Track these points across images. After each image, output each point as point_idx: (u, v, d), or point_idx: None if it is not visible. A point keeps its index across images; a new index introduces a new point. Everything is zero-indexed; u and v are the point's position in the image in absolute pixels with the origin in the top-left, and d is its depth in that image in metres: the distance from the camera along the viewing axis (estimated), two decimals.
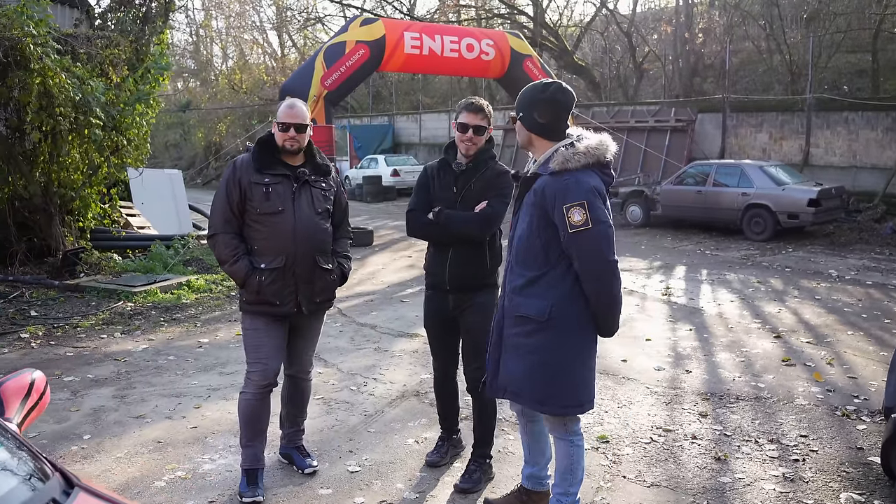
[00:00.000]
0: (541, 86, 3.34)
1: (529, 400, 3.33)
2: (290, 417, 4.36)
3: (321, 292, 4.07)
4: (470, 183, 4.00)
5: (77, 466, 4.35)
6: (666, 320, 8.03)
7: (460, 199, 4.00)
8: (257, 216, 3.87)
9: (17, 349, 6.93)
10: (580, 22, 28.10)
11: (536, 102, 3.30)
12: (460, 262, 3.99)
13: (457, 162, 4.06)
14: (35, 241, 10.29)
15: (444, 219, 3.96)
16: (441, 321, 4.17)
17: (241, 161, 3.95)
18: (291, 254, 3.88)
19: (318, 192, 4.03)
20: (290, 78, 14.54)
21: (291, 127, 3.88)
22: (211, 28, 45.03)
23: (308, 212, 3.95)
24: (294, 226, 3.89)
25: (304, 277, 3.94)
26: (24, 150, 9.84)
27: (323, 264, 4.02)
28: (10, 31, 7.93)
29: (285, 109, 3.92)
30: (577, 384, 3.28)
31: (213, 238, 3.95)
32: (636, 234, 15.43)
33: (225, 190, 3.90)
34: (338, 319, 8.28)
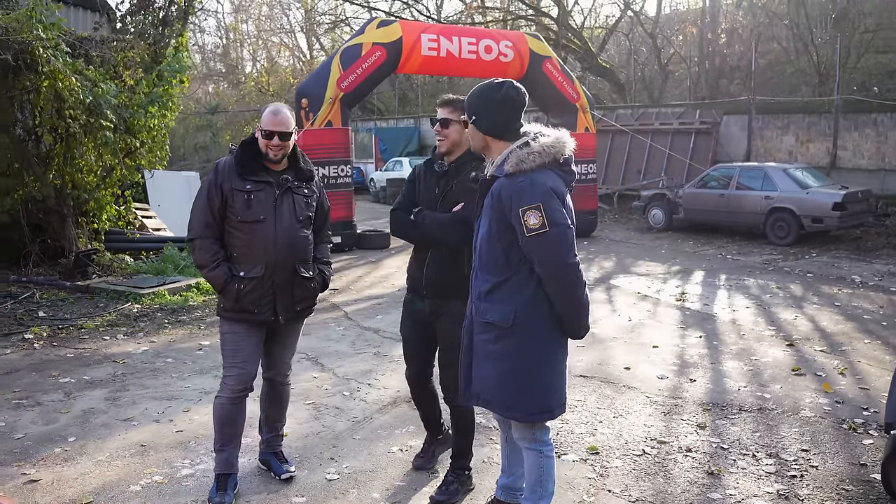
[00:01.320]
0: (493, 85, 3.24)
1: (499, 406, 3.25)
2: (268, 422, 4.29)
3: (301, 301, 4.00)
4: (451, 184, 3.89)
5: (56, 469, 4.32)
6: (676, 327, 7.84)
7: (441, 200, 3.89)
8: (237, 223, 3.81)
9: (20, 350, 6.94)
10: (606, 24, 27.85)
11: (489, 103, 3.21)
12: (437, 266, 3.87)
13: (439, 162, 3.95)
14: (49, 242, 10.38)
15: (422, 220, 3.87)
16: (416, 325, 4.05)
17: (223, 165, 3.86)
18: (271, 263, 3.82)
19: (301, 199, 3.96)
20: (307, 80, 14.51)
21: (276, 135, 3.79)
22: (239, 31, 45.36)
23: (289, 220, 3.88)
24: (275, 235, 3.82)
25: (284, 286, 3.88)
26: (38, 153, 9.93)
27: (303, 272, 3.95)
28: (20, 35, 7.96)
29: (269, 116, 3.81)
30: (546, 389, 3.19)
31: (192, 242, 3.89)
32: (657, 238, 15.20)
33: (206, 194, 3.82)
34: (342, 323, 8.22)
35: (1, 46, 7.90)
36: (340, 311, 8.86)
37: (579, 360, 6.60)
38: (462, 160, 3.88)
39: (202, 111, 42.60)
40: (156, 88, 10.61)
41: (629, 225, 17.46)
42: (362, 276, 11.24)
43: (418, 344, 4.11)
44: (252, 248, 3.80)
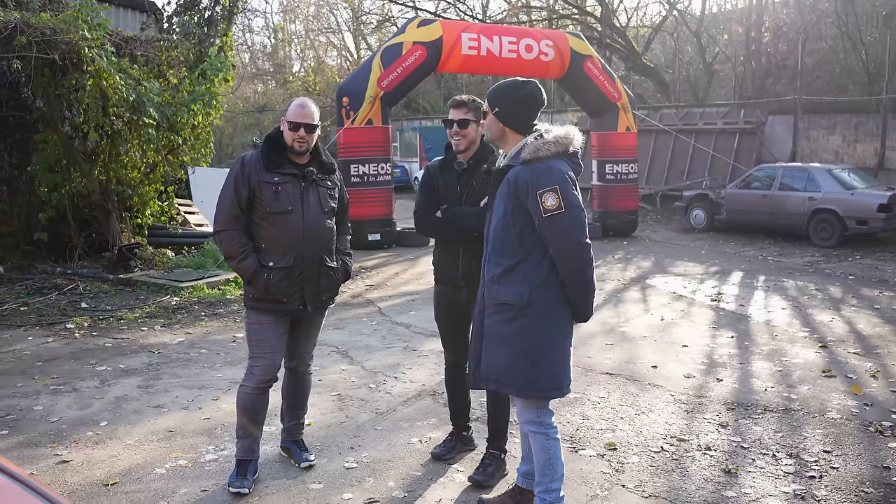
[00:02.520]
0: (519, 83, 3.44)
1: (511, 387, 3.37)
2: (290, 411, 4.39)
3: (326, 290, 4.11)
4: (472, 180, 4.06)
5: (87, 451, 4.48)
6: (708, 327, 7.78)
7: (465, 197, 4.06)
8: (266, 215, 3.89)
9: (61, 339, 7.17)
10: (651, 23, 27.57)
11: (514, 98, 3.41)
12: (472, 257, 4.01)
13: (458, 161, 4.10)
14: (94, 236, 10.69)
15: (452, 216, 4.04)
16: (453, 315, 4.22)
17: (249, 158, 3.95)
18: (300, 253, 3.91)
19: (325, 192, 4.06)
20: (348, 79, 14.67)
21: (302, 127, 3.88)
22: (287, 30, 45.89)
23: (316, 211, 3.98)
24: (303, 226, 3.92)
25: (311, 276, 3.98)
26: (84, 149, 10.23)
27: (328, 262, 4.05)
28: (67, 35, 8.22)
29: (296, 108, 3.91)
30: (557, 367, 3.34)
31: (219, 234, 3.98)
32: (698, 239, 15.05)
33: (233, 187, 3.90)
34: (375, 318, 8.32)
35: (49, 46, 8.17)
36: (374, 306, 8.96)
37: (607, 357, 6.61)
38: (478, 156, 4.06)
39: (250, 110, 43.22)
40: (199, 87, 10.84)
41: (671, 225, 17.32)
42: (399, 273, 11.34)
43: (455, 332, 4.26)
44: (281, 239, 3.89)
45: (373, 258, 12.59)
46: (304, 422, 4.48)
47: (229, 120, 39.64)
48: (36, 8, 8.82)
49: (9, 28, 7.99)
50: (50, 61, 8.35)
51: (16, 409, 5.21)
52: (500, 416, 4.19)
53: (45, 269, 9.99)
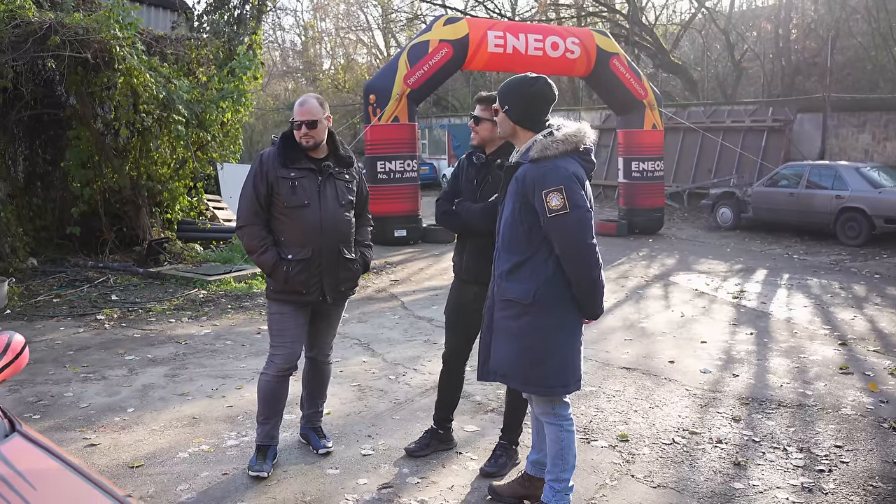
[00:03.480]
0: (528, 80, 3.45)
1: (517, 381, 3.44)
2: (309, 399, 4.51)
3: (345, 281, 4.21)
4: (489, 176, 4.11)
5: (114, 435, 4.65)
6: (728, 323, 7.81)
7: (480, 192, 4.12)
8: (284, 209, 4.00)
9: (92, 329, 7.38)
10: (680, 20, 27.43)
11: (524, 96, 3.43)
12: (475, 253, 4.09)
13: (478, 155, 4.17)
14: (124, 230, 10.94)
15: (460, 210, 4.11)
16: (459, 310, 4.27)
17: (267, 155, 4.07)
18: (318, 246, 4.01)
19: (342, 185, 4.16)
20: (374, 76, 14.81)
21: (303, 124, 3.98)
22: (317, 28, 46.17)
23: (333, 204, 4.07)
24: (320, 219, 4.01)
25: (329, 268, 4.08)
26: (116, 146, 10.47)
27: (347, 254, 4.15)
28: (99, 35, 8.44)
29: (297, 107, 4.03)
30: (563, 364, 3.37)
31: (241, 230, 4.10)
32: (724, 237, 15.01)
33: (252, 184, 4.03)
34: (397, 312, 8.44)
35: (81, 45, 8.39)
36: (398, 300, 9.09)
37: (624, 352, 6.67)
38: (499, 152, 4.09)
39: (280, 107, 43.58)
40: (227, 85, 11.03)
41: (697, 223, 17.26)
42: (423, 269, 11.46)
43: (456, 326, 4.33)
44: (299, 232, 4.00)
45: (398, 254, 12.71)
46: (323, 410, 4.60)
47: (259, 117, 40.01)
48: (70, 8, 9.04)
49: (44, 28, 8.22)
50: (83, 60, 8.57)
51: (48, 396, 5.40)
52: (517, 409, 4.24)
53: (77, 262, 10.24)
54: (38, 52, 8.29)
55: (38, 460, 1.86)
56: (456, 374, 4.41)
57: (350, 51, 45.73)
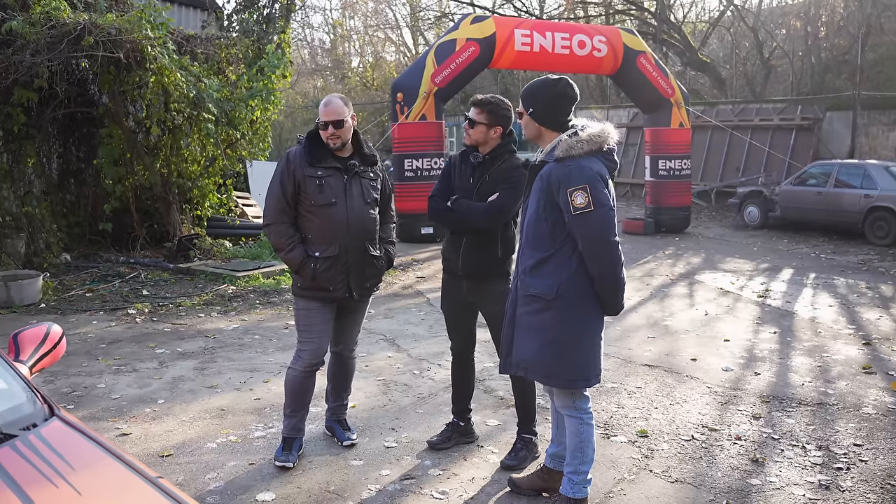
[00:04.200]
0: (550, 81, 3.53)
1: (539, 374, 3.52)
2: (334, 392, 4.60)
3: (371, 278, 4.29)
4: (486, 175, 4.18)
5: (144, 426, 4.79)
6: (752, 322, 7.81)
7: (476, 190, 4.18)
8: (311, 207, 4.07)
9: (123, 323, 7.56)
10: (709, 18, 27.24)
11: (547, 97, 3.51)
12: (473, 249, 4.17)
13: (475, 154, 4.24)
14: (155, 227, 11.15)
15: (459, 208, 4.17)
16: (455, 305, 4.37)
17: (293, 154, 4.14)
18: (344, 243, 4.09)
19: (367, 183, 4.23)
20: (402, 75, 14.91)
21: (330, 124, 4.04)
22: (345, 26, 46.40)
23: (359, 202, 4.15)
24: (347, 216, 4.08)
25: (356, 265, 4.15)
26: (147, 143, 10.67)
27: (372, 251, 4.23)
28: (131, 35, 8.62)
29: (322, 108, 4.08)
30: (583, 359, 3.45)
31: (268, 227, 4.18)
32: (751, 236, 14.94)
33: (280, 182, 4.09)
34: (423, 308, 8.53)
35: (114, 45, 8.57)
36: (423, 297, 9.18)
37: (647, 350, 6.72)
38: (496, 152, 4.17)
39: (309, 105, 43.86)
40: (256, 83, 11.19)
41: (725, 222, 17.19)
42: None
43: (457, 321, 4.43)
44: (326, 230, 4.07)
45: (425, 251, 12.80)
46: (348, 403, 4.70)
47: (289, 115, 40.31)
48: (103, 9, 9.24)
49: (78, 29, 8.42)
50: (115, 59, 8.76)
51: (81, 387, 5.57)
52: (526, 401, 4.34)
53: (109, 257, 10.46)
54: (73, 52, 8.48)
55: (76, 442, 1.97)
56: (466, 366, 4.51)
57: (378, 49, 45.92)
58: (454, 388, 4.61)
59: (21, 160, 10.02)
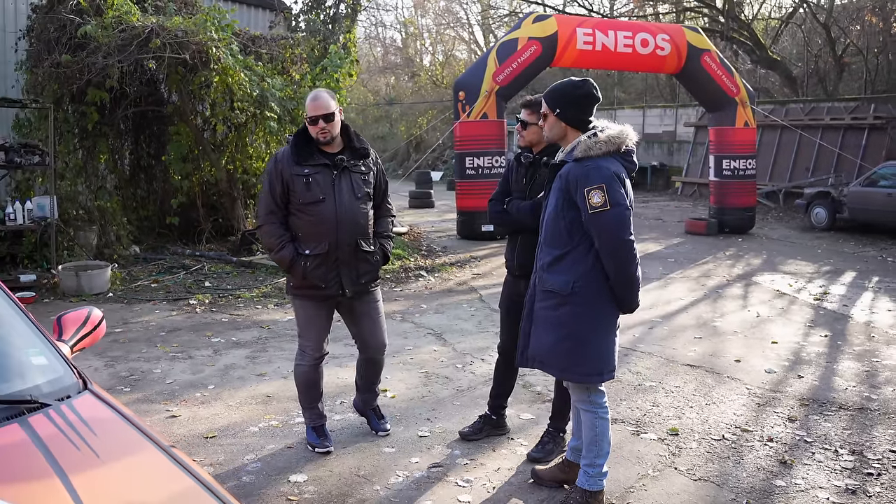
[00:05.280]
0: (576, 83, 3.62)
1: (554, 368, 3.64)
2: (365, 384, 4.69)
3: (365, 274, 4.29)
4: (537, 174, 4.28)
5: (193, 409, 5.06)
6: (804, 325, 7.72)
7: (528, 190, 4.30)
8: (300, 206, 4.08)
9: (184, 312, 7.91)
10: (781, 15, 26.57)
11: (573, 98, 3.60)
12: (525, 249, 4.27)
13: (525, 154, 4.36)
14: (220, 221, 11.56)
15: (512, 209, 4.32)
16: (512, 304, 4.46)
17: (281, 154, 4.16)
18: (334, 240, 4.09)
19: (358, 177, 4.20)
20: (464, 74, 15.06)
21: (320, 118, 4.05)
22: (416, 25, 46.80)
23: (349, 198, 4.13)
24: (336, 213, 4.08)
25: (347, 261, 4.17)
26: (213, 141, 11.08)
27: (364, 247, 4.23)
28: (196, 37, 9.00)
29: (309, 103, 4.07)
30: (598, 354, 3.55)
31: (260, 228, 4.27)
32: (817, 238, 14.62)
33: (268, 183, 4.14)
34: (474, 304, 8.67)
35: (180, 47, 8.96)
36: (476, 293, 9.32)
37: (692, 350, 6.72)
38: (546, 151, 4.25)
39: (380, 102, 44.40)
40: (320, 82, 11.48)
41: (791, 223, 16.85)
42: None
43: (509, 320, 4.52)
44: (316, 228, 4.08)
45: (484, 248, 12.93)
46: (378, 392, 4.78)
47: (360, 112, 40.91)
48: (171, 12, 9.65)
49: (146, 32, 8.84)
50: (182, 60, 9.14)
51: (138, 371, 5.89)
52: (564, 397, 4.44)
53: (175, 250, 10.89)
54: (141, 54, 8.90)
55: (102, 413, 2.19)
56: (510, 365, 4.61)
57: (448, 47, 46.19)
58: (494, 383, 4.74)
59: (94, 156, 10.53)
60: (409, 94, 45.17)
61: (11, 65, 10.44)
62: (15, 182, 10.06)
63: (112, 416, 2.20)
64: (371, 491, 3.92)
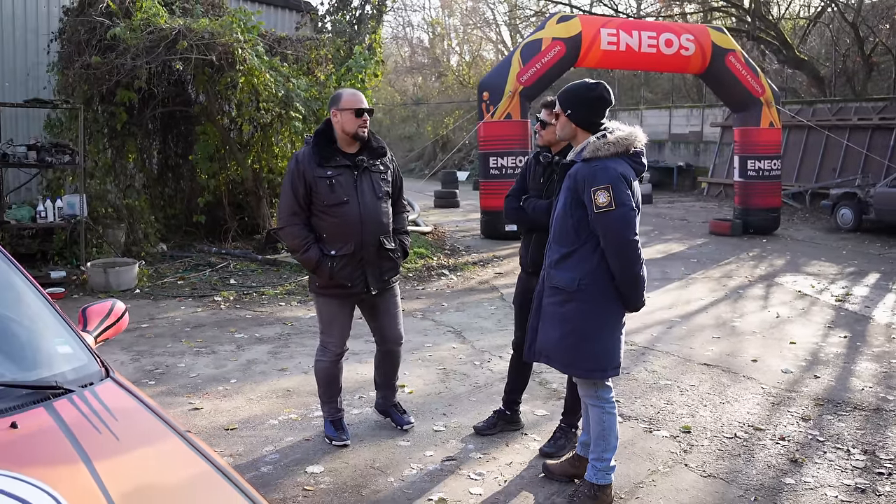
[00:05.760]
0: (589, 85, 3.71)
1: (559, 363, 3.72)
2: (384, 382, 4.80)
3: (388, 271, 4.41)
4: (554, 174, 4.36)
5: (215, 402, 5.20)
6: (824, 326, 7.71)
7: (545, 189, 4.39)
8: (324, 207, 4.15)
9: (209, 309, 8.07)
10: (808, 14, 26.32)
11: (585, 100, 3.69)
12: (539, 247, 4.35)
13: (544, 154, 4.45)
14: (246, 219, 11.75)
15: (528, 206, 4.41)
16: (525, 300, 4.52)
17: (302, 155, 4.20)
18: (359, 240, 4.18)
19: (378, 177, 4.30)
20: (489, 74, 15.13)
21: (365, 111, 4.14)
22: (443, 25, 46.90)
23: (371, 198, 4.23)
24: (360, 214, 4.17)
25: (372, 260, 4.27)
26: (239, 140, 11.26)
27: (387, 245, 4.33)
28: (223, 39, 9.18)
29: (353, 97, 4.14)
30: (603, 351, 3.62)
31: (282, 230, 4.34)
32: (842, 239, 14.51)
33: (290, 185, 4.19)
34: (495, 303, 8.75)
35: (207, 48, 9.14)
36: (497, 292, 9.40)
37: (709, 349, 6.75)
38: (565, 151, 4.33)
39: (407, 102, 44.56)
40: (344, 83, 11.62)
41: (817, 225, 16.72)
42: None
43: (522, 316, 4.59)
44: (340, 228, 4.16)
45: (507, 248, 12.98)
46: (397, 387, 4.90)
47: (387, 112, 41.12)
48: (198, 14, 9.84)
49: (174, 34, 9.03)
50: (209, 62, 9.32)
51: (163, 365, 6.05)
52: (576, 393, 4.51)
53: (202, 248, 11.09)
54: (169, 55, 9.09)
55: (122, 399, 2.32)
56: (522, 362, 4.70)
57: (475, 47, 46.24)
58: (509, 378, 4.84)
59: (123, 156, 10.75)
60: (435, 94, 45.28)
61: (43, 66, 10.70)
62: (46, 181, 10.31)
63: (133, 403, 2.33)
64: (385, 482, 4.03)
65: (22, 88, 11.05)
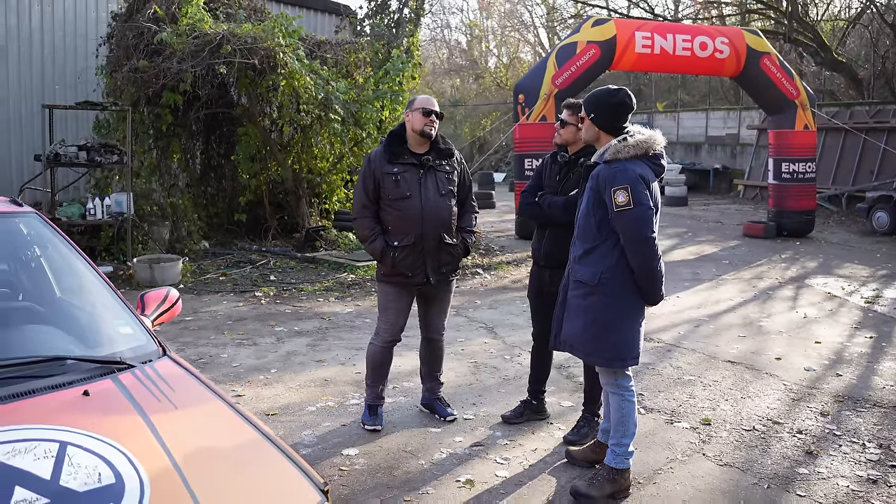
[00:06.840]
0: (612, 91, 3.93)
1: (581, 352, 3.95)
2: (429, 373, 5.07)
3: (446, 264, 4.70)
4: (570, 173, 4.59)
5: (257, 389, 5.50)
6: (850, 326, 7.80)
7: (561, 187, 4.61)
8: (389, 201, 4.50)
9: (250, 304, 8.40)
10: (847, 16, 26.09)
11: (607, 105, 3.91)
12: (552, 241, 4.61)
13: (562, 153, 4.67)
14: (286, 218, 12.13)
15: (543, 203, 4.62)
16: (538, 293, 4.80)
17: (374, 155, 4.60)
18: (420, 233, 4.51)
19: (443, 176, 4.61)
20: (524, 77, 15.32)
21: (432, 112, 4.52)
22: (481, 27, 47.14)
23: (434, 195, 4.55)
24: (421, 209, 4.50)
25: (432, 252, 4.58)
26: (280, 141, 11.62)
27: (447, 240, 4.63)
28: (265, 43, 9.53)
29: (426, 100, 4.56)
30: (622, 341, 3.84)
31: (355, 221, 4.72)
32: (878, 242, 14.47)
33: (362, 180, 4.59)
34: (526, 301, 8.89)
35: (249, 52, 9.50)
36: None
37: (734, 347, 6.90)
38: (581, 152, 4.55)
39: (445, 104, 44.86)
40: (382, 85, 11.93)
41: (852, 228, 16.65)
42: None
43: (538, 308, 4.85)
44: (403, 221, 4.50)
45: None
46: (442, 380, 5.16)
47: None
48: (241, 19, 10.21)
49: (217, 38, 9.40)
50: (251, 65, 9.68)
51: (207, 356, 6.38)
52: (595, 384, 4.71)
53: (243, 245, 11.47)
54: (213, 59, 9.47)
55: (178, 374, 2.61)
56: (544, 350, 4.92)
57: (513, 49, 46.39)
58: (532, 369, 5.06)
59: (168, 156, 11.17)
60: (473, 95, 45.48)
61: (92, 70, 11.16)
62: (94, 180, 10.75)
63: (187, 377, 2.61)
64: (416, 464, 4.28)
65: (72, 91, 11.55)
